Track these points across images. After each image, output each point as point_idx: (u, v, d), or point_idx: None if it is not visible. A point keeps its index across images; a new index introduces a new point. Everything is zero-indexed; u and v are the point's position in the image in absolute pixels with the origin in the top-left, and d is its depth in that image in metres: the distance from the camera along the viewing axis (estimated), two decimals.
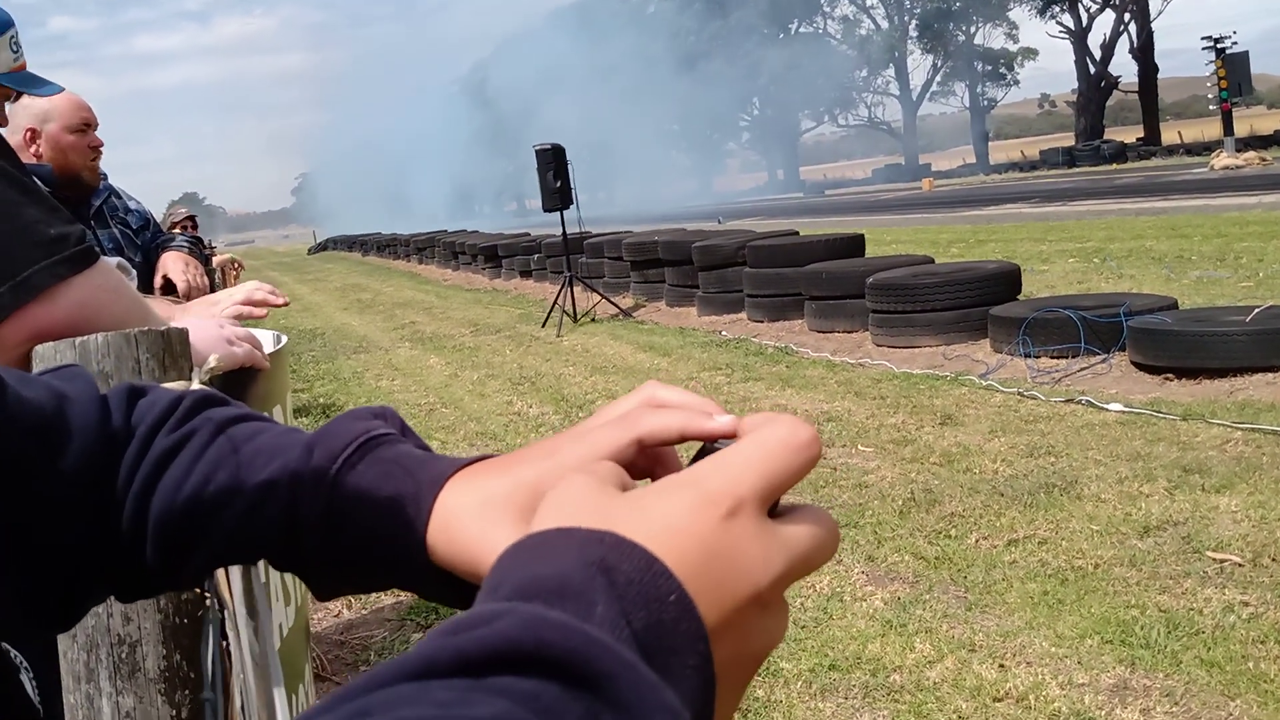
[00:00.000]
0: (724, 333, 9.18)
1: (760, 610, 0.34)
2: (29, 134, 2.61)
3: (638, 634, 0.30)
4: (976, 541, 3.71)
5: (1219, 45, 32.59)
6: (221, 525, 0.57)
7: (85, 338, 1.19)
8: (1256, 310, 5.72)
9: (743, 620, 0.34)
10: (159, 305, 1.81)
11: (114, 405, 0.60)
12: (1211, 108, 33.96)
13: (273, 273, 32.05)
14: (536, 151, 13.63)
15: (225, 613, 1.32)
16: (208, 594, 1.21)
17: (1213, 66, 32.84)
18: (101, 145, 2.82)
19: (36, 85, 1.98)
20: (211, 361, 1.32)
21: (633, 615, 0.30)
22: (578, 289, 11.57)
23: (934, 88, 67.66)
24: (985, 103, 66.64)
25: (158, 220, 3.79)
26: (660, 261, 11.72)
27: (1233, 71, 32.24)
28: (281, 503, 0.55)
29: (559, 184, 13.78)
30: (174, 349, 1.24)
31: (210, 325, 1.44)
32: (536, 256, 16.65)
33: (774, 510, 0.37)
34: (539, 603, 0.29)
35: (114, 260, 1.69)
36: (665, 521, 0.34)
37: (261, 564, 0.83)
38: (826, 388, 6.47)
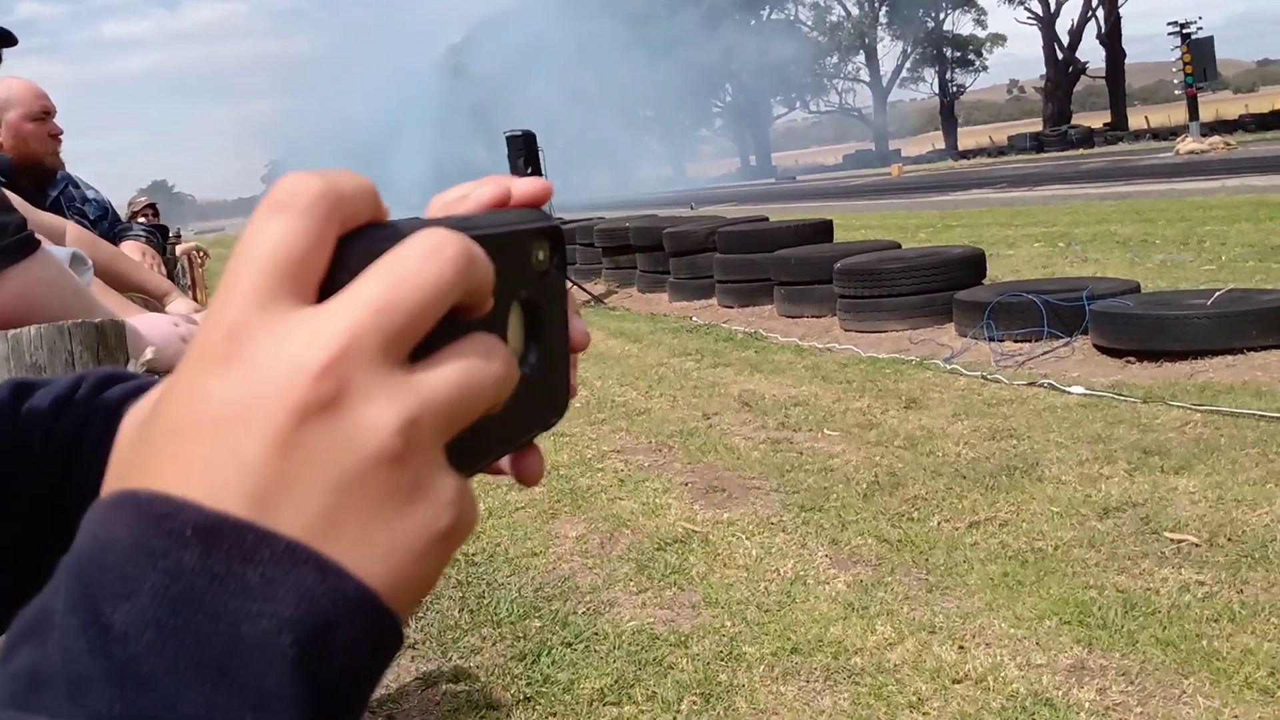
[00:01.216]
0: (695, 318, 9.19)
1: (395, 471, 0.25)
2: None
3: (127, 621, 0.23)
4: (939, 524, 3.74)
5: (1185, 31, 32.93)
6: None
7: (18, 330, 1.17)
8: (1217, 293, 5.79)
9: (373, 492, 0.25)
10: (116, 302, 1.78)
11: None
12: (1177, 93, 34.34)
13: None
14: (507, 138, 13.54)
15: None
16: None
17: (1178, 52, 33.18)
18: (61, 133, 2.79)
19: None
20: (148, 354, 1.30)
21: (112, 609, 0.23)
22: None
23: (904, 74, 67.91)
24: (954, 89, 66.97)
25: (117, 210, 3.73)
26: (631, 248, 11.71)
27: (1198, 57, 32.61)
28: None
29: (530, 170, 13.70)
30: (109, 341, 1.22)
31: (164, 320, 1.41)
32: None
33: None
34: (23, 647, 0.24)
35: (68, 251, 1.66)
36: (206, 426, 0.25)
37: None
38: (794, 372, 6.50)
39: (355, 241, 0.27)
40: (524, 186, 0.33)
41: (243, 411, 0.25)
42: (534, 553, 3.92)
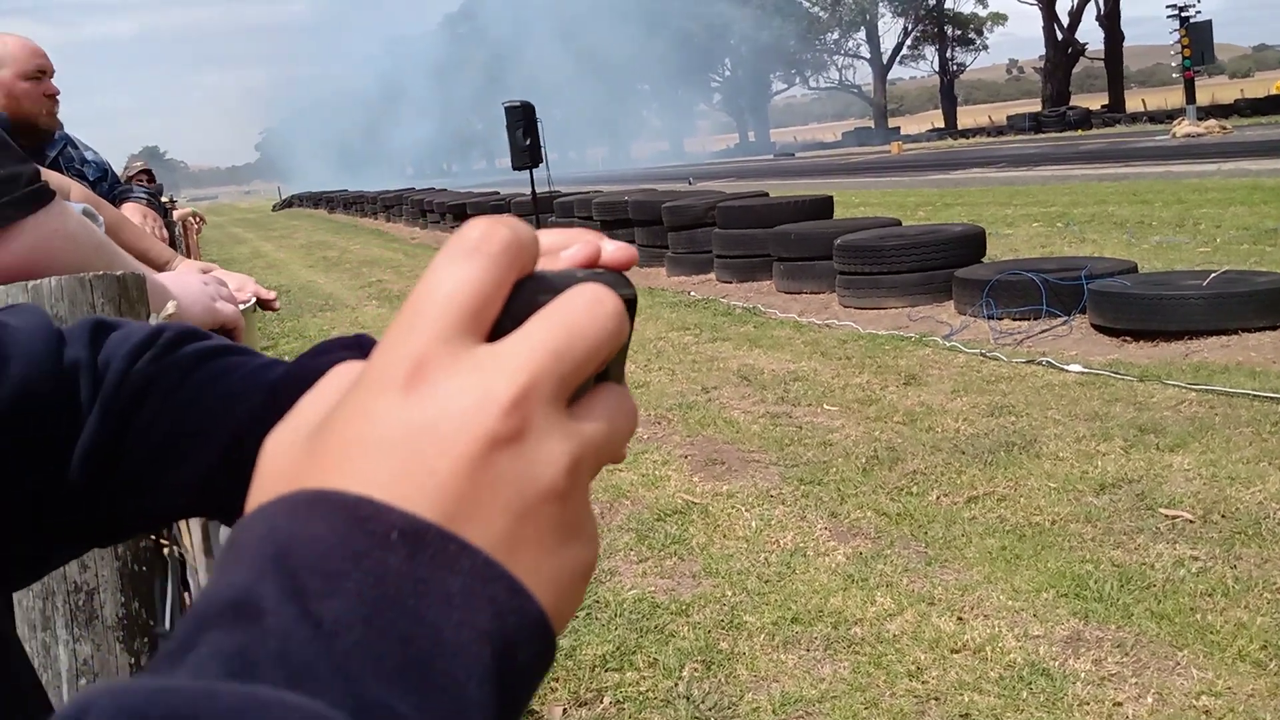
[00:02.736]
0: (693, 293, 9.19)
1: (562, 507, 0.27)
2: None
3: (336, 616, 0.24)
4: (937, 498, 3.77)
5: (1183, 14, 32.79)
6: (186, 474, 0.54)
7: (38, 281, 1.17)
8: (1213, 275, 5.81)
9: (544, 524, 0.27)
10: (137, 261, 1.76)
11: (73, 337, 0.56)
12: (1175, 76, 34.26)
13: (236, 229, 31.57)
14: (506, 109, 13.45)
15: (185, 561, 1.31)
16: (166, 541, 1.20)
17: (1176, 35, 33.05)
18: (57, 93, 2.76)
19: None
20: (170, 308, 1.30)
21: (320, 603, 0.24)
22: None
23: (904, 52, 67.57)
24: (954, 68, 66.68)
25: (115, 172, 3.71)
26: (630, 222, 11.68)
27: (1196, 40, 32.49)
28: (237, 459, 0.52)
29: (528, 142, 13.63)
30: (130, 294, 1.22)
31: (194, 278, 1.39)
32: (506, 215, 16.51)
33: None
34: (218, 630, 0.24)
35: (79, 207, 1.65)
36: (401, 440, 0.26)
37: None
38: (793, 348, 6.51)
39: (519, 289, 0.29)
40: (613, 252, 0.34)
41: (434, 434, 0.26)
42: None
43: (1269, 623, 2.68)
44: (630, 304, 0.32)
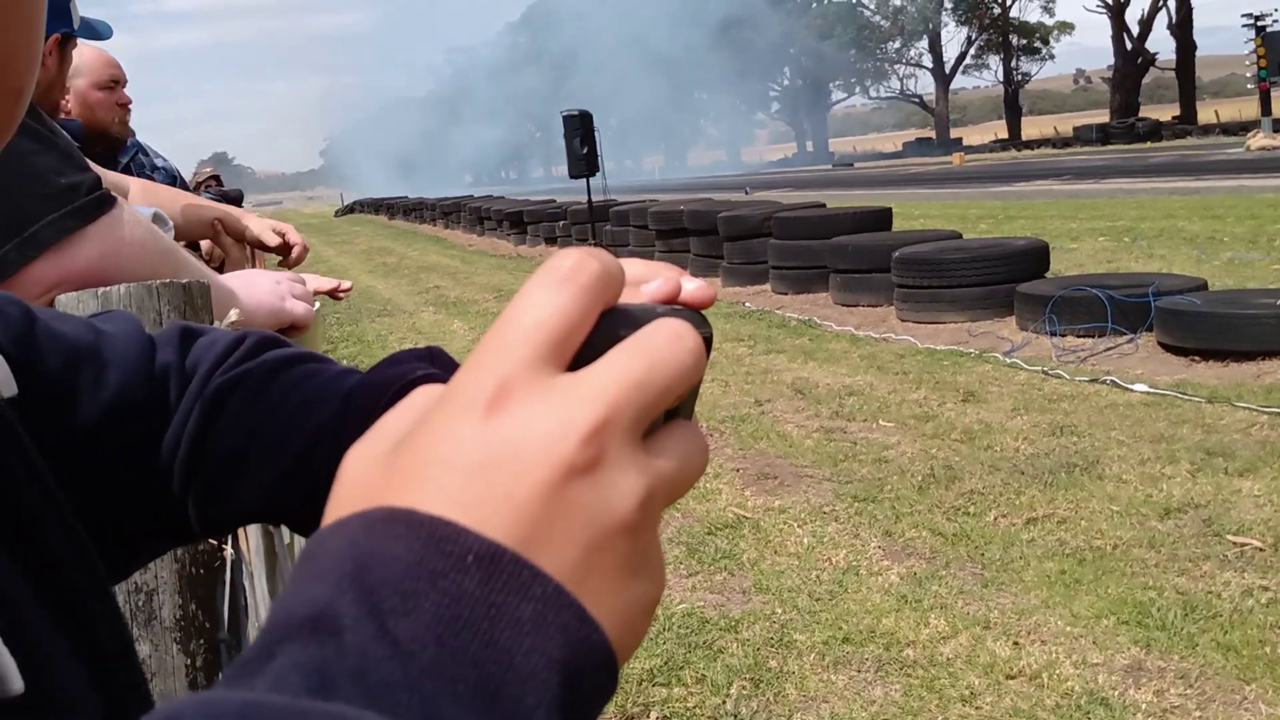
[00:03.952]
0: (747, 304, 9.15)
1: (632, 541, 0.27)
2: None
3: (412, 636, 0.24)
4: (995, 519, 3.69)
5: (1259, 23, 31.94)
6: (260, 480, 0.56)
7: (108, 288, 1.19)
8: None
9: (614, 557, 0.27)
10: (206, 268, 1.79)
11: (163, 343, 0.59)
12: (1250, 87, 33.36)
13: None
14: (564, 117, 13.55)
15: (243, 566, 1.33)
16: (224, 546, 1.22)
17: (1252, 44, 32.18)
18: (129, 102, 2.83)
19: (92, 30, 1.99)
20: (232, 315, 1.32)
21: (396, 621, 0.24)
22: None
23: (967, 61, 66.70)
24: (1019, 77, 65.65)
25: (184, 178, 3.81)
26: (685, 231, 11.67)
27: (1272, 50, 31.59)
28: (311, 467, 0.53)
29: (585, 150, 13.71)
30: (195, 301, 1.24)
31: (264, 280, 1.40)
32: (562, 224, 16.64)
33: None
34: (296, 644, 0.24)
35: (150, 210, 1.68)
36: (478, 463, 0.26)
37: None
38: (849, 361, 6.45)
39: (602, 321, 0.29)
40: (694, 291, 0.34)
41: (514, 458, 0.26)
42: None
43: None
44: (707, 342, 0.32)
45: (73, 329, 0.56)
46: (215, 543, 1.27)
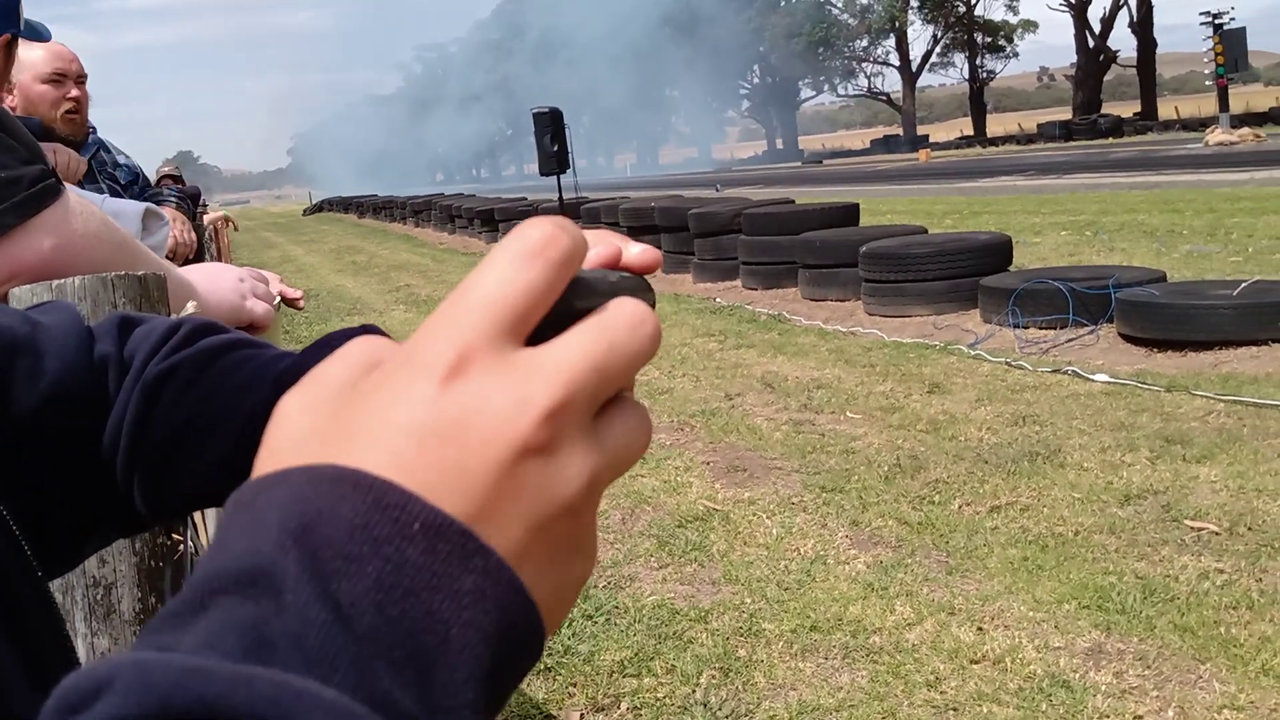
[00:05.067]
0: (718, 300, 9.18)
1: (574, 521, 0.27)
2: None
3: (353, 601, 0.23)
4: (960, 508, 3.74)
5: (1217, 21, 32.43)
6: (200, 466, 0.56)
7: (61, 280, 1.19)
8: (1243, 284, 5.74)
9: (554, 536, 0.27)
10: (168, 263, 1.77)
11: (101, 333, 0.59)
12: (1208, 84, 33.87)
13: (267, 233, 31.89)
14: (534, 115, 13.51)
15: (201, 554, 1.33)
16: (180, 537, 1.22)
17: (1210, 42, 32.68)
18: (80, 98, 2.75)
19: (35, 32, 1.97)
20: (189, 308, 1.32)
21: (338, 584, 0.24)
22: None
23: (933, 59, 67.22)
24: (984, 75, 66.25)
25: (148, 176, 3.77)
26: (656, 228, 11.69)
27: (1230, 48, 32.11)
28: (248, 451, 0.54)
29: (556, 148, 13.68)
30: (151, 293, 1.24)
31: (227, 275, 1.39)
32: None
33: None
34: (232, 598, 0.23)
35: (142, 206, 1.63)
36: (424, 425, 0.26)
37: None
38: (817, 355, 6.49)
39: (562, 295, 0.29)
40: (636, 255, 0.34)
41: (468, 431, 0.26)
42: None
43: None
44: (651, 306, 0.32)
45: (7, 321, 0.56)
46: (173, 535, 1.27)
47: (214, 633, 0.23)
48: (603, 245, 0.33)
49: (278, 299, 1.74)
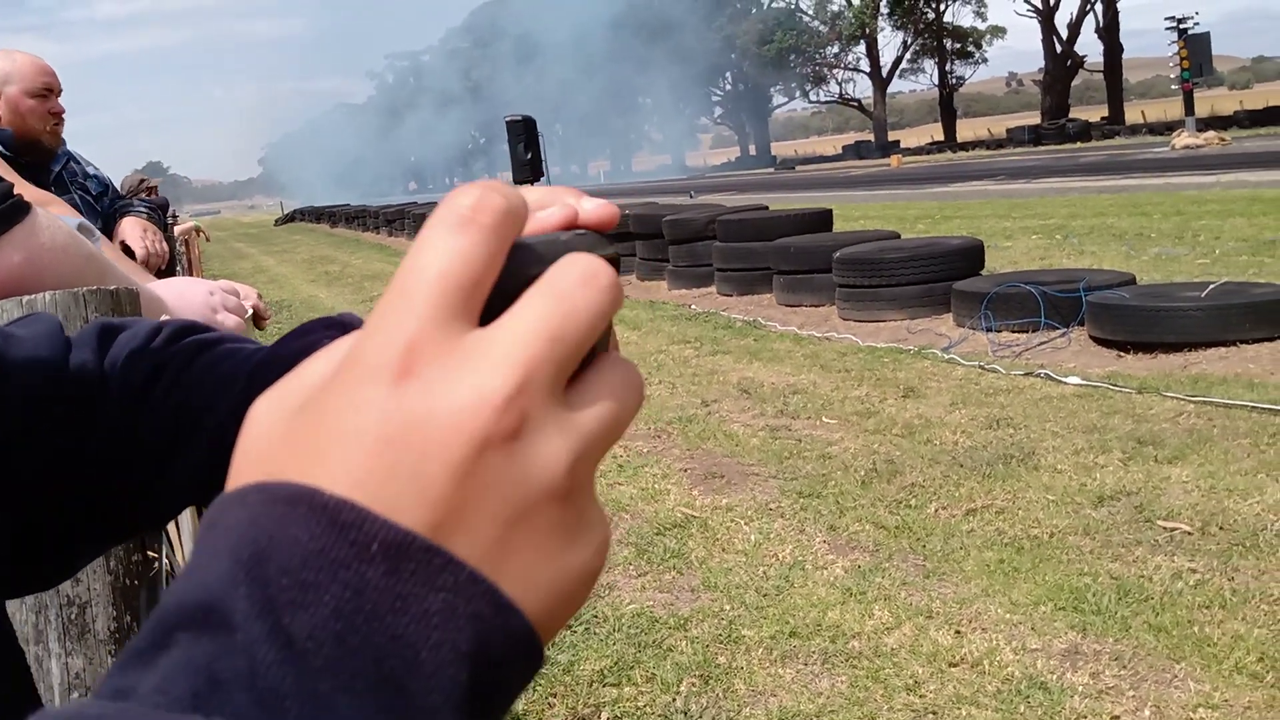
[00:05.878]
0: (694, 306, 9.20)
1: (563, 507, 0.26)
2: None
3: (309, 633, 0.23)
4: (936, 511, 3.76)
5: (1182, 26, 32.90)
6: (186, 468, 0.56)
7: (32, 296, 1.18)
8: (1211, 286, 5.82)
9: (540, 527, 0.25)
10: (137, 273, 1.76)
11: (80, 342, 0.58)
12: (1174, 88, 34.35)
13: (239, 244, 31.63)
14: (507, 123, 13.49)
15: (175, 573, 1.31)
16: (155, 554, 1.21)
17: (1175, 47, 33.16)
18: (62, 111, 2.76)
19: None
20: (163, 319, 1.31)
21: (291, 618, 0.23)
22: None
23: (903, 65, 67.77)
24: (954, 81, 66.87)
25: (116, 187, 3.73)
26: (631, 235, 11.70)
27: (1194, 52, 32.59)
28: (227, 449, 0.53)
29: (530, 156, 13.67)
30: (123, 308, 1.23)
31: (198, 288, 1.39)
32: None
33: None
34: (189, 634, 0.23)
35: (75, 221, 1.65)
36: (383, 435, 0.24)
37: None
38: (793, 360, 6.52)
39: (508, 259, 0.27)
40: (591, 210, 0.31)
41: (424, 433, 0.24)
42: None
43: (1266, 634, 2.68)
44: (613, 264, 0.29)
45: None
46: (149, 553, 1.26)
47: (167, 676, 0.22)
48: (556, 205, 0.31)
49: (250, 312, 1.74)
